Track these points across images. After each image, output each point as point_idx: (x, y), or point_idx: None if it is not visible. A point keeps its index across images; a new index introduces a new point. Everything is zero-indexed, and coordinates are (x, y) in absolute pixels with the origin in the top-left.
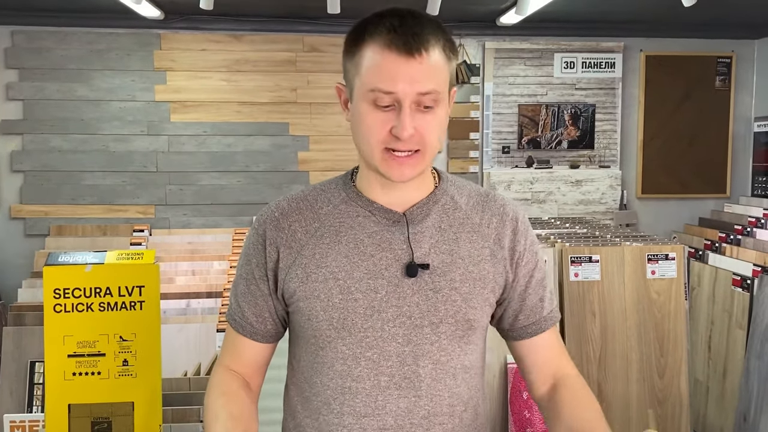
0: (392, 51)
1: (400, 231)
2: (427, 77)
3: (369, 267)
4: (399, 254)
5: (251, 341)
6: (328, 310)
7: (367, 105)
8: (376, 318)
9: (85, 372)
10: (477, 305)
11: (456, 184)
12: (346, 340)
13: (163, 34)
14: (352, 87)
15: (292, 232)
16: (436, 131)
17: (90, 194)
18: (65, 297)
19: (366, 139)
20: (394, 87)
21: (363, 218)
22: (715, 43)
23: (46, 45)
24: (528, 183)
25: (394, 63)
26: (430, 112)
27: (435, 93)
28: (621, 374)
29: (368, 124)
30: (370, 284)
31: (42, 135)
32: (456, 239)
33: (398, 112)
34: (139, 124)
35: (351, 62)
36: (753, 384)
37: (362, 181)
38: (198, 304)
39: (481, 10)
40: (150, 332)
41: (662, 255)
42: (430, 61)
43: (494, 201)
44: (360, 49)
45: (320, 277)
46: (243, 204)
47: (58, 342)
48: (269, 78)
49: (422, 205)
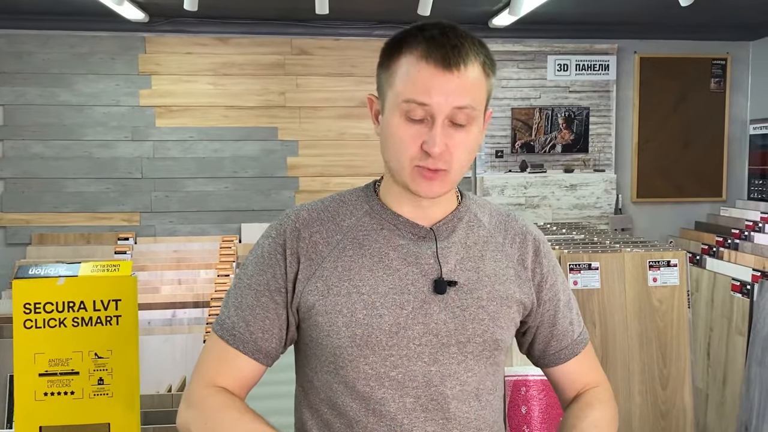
0: (430, 63)
1: (427, 246)
2: (463, 92)
3: (395, 282)
4: (426, 269)
5: (250, 360)
6: (351, 326)
7: (399, 117)
8: (401, 335)
9: (58, 392)
10: (504, 324)
11: (477, 203)
12: (369, 358)
13: (147, 37)
14: (385, 98)
15: (313, 243)
16: (465, 151)
17: (73, 202)
18: (36, 312)
19: (396, 154)
20: (429, 99)
21: (388, 231)
22: (709, 45)
23: (27, 49)
24: (522, 188)
25: (431, 75)
26: (463, 131)
27: (470, 109)
28: (623, 385)
29: (399, 136)
30: (396, 300)
31: (23, 141)
32: (481, 257)
33: (430, 127)
34: (124, 130)
35: (386, 73)
36: (754, 392)
37: (387, 195)
38: (184, 314)
39: (473, 11)
40: (127, 349)
41: (664, 261)
42: (468, 77)
43: (515, 221)
44: (396, 60)
45: (343, 291)
46: (231, 211)
47: (28, 360)
48: (257, 81)
49: (448, 221)
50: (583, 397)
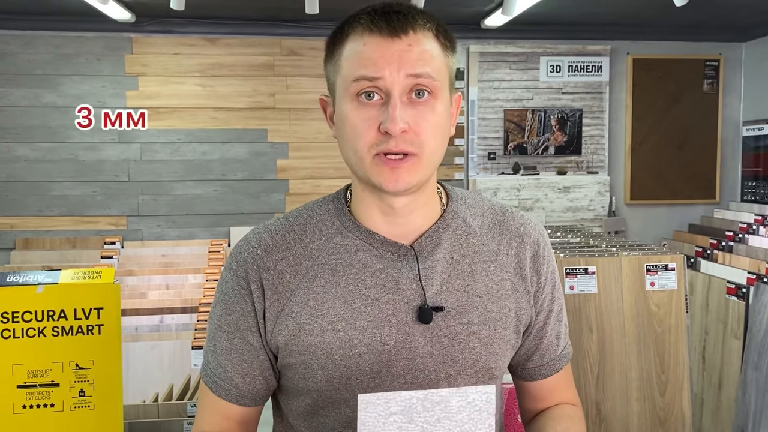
0: (374, 34)
1: (408, 267)
2: (416, 58)
3: (374, 313)
4: (408, 296)
5: (237, 406)
6: (327, 369)
7: (351, 102)
8: (384, 375)
9: (37, 404)
10: (498, 350)
11: (468, 203)
12: (350, 402)
13: (134, 37)
14: (335, 90)
15: (279, 272)
16: (434, 130)
17: (58, 205)
18: (14, 321)
19: (352, 144)
20: (379, 71)
21: (363, 253)
22: (702, 46)
23: (11, 49)
24: (515, 190)
25: (377, 45)
26: (426, 106)
27: (429, 79)
28: (620, 392)
29: (353, 123)
30: (376, 335)
31: (6, 144)
32: (471, 272)
33: (387, 105)
34: (110, 132)
35: (332, 63)
36: (750, 396)
37: (358, 207)
38: (172, 320)
39: (465, 12)
40: (110, 359)
41: (662, 265)
42: (420, 42)
43: (512, 220)
44: (341, 46)
45: (316, 329)
46: (219, 214)
47: (6, 371)
48: (246, 83)
49: (431, 234)
50: (560, 408)
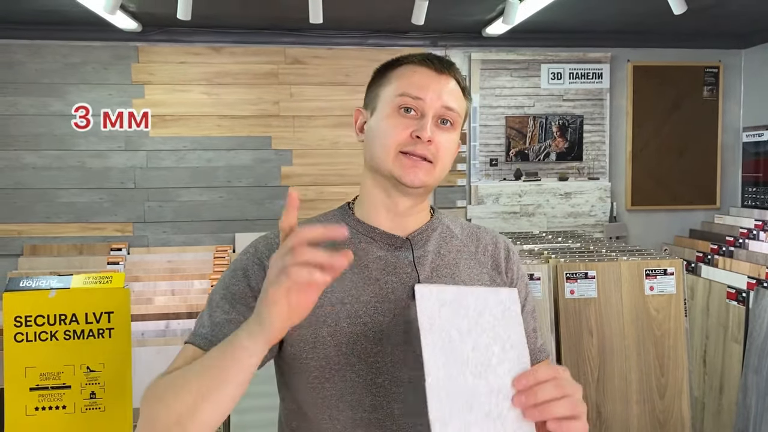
0: (424, 66)
1: (404, 255)
2: (451, 96)
3: (375, 291)
4: (404, 278)
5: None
6: (336, 336)
7: (392, 110)
8: (385, 342)
9: (49, 406)
10: None
11: (449, 217)
12: (355, 366)
13: (140, 46)
14: (377, 101)
15: None
16: (448, 152)
17: (65, 212)
18: (27, 325)
19: (383, 141)
20: (423, 94)
21: (366, 244)
22: (702, 53)
23: (19, 59)
24: (516, 196)
25: (426, 76)
26: (447, 133)
27: (455, 113)
28: (620, 395)
29: (391, 124)
30: (378, 308)
31: (15, 151)
32: (456, 264)
33: (420, 120)
34: (117, 140)
35: (381, 81)
36: (751, 400)
37: (363, 207)
38: (178, 325)
39: (466, 20)
40: (120, 362)
41: (660, 270)
42: (455, 86)
43: (486, 233)
44: (393, 70)
45: (326, 302)
46: (224, 220)
47: (19, 374)
48: (251, 91)
49: (423, 231)
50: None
